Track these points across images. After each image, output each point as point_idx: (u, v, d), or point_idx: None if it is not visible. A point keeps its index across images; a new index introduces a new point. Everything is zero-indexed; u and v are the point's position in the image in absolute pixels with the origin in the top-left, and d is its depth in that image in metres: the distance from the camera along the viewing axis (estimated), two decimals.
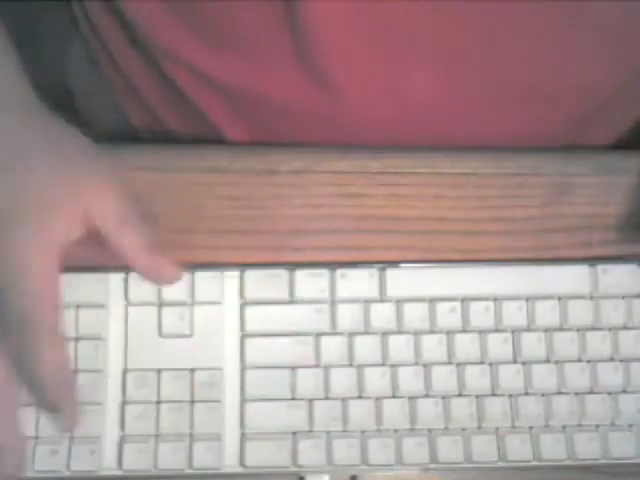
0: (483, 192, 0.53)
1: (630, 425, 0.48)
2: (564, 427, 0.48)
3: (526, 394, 0.48)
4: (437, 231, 0.52)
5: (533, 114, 0.53)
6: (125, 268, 0.49)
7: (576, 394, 0.48)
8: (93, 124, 0.67)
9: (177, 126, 0.59)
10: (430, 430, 0.48)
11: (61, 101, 0.64)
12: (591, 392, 0.49)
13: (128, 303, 0.49)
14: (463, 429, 0.48)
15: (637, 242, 0.52)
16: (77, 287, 0.48)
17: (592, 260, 0.50)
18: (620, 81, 0.52)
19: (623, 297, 0.50)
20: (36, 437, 0.46)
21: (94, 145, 0.48)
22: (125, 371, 0.48)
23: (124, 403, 0.47)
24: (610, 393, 0.49)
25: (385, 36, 0.47)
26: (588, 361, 0.49)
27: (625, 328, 0.49)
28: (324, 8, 0.45)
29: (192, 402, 0.47)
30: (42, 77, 0.65)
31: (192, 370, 0.48)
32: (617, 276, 0.50)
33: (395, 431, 0.48)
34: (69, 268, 0.48)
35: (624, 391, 0.49)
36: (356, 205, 0.52)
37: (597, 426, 0.48)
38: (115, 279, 0.49)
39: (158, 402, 0.47)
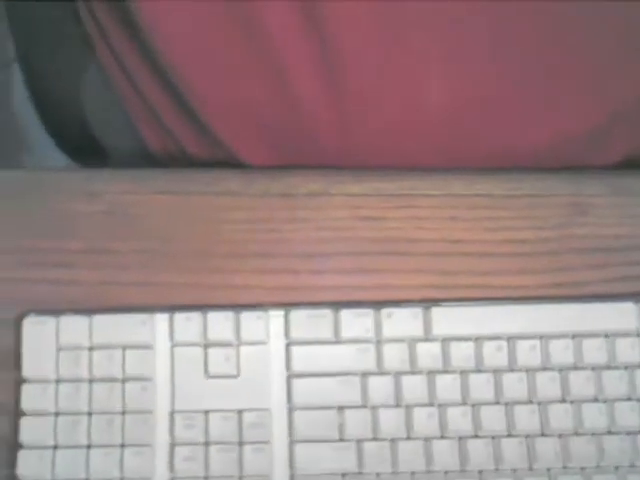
0: (498, 214, 0.53)
1: None
2: (617, 468, 0.48)
3: (576, 434, 0.48)
4: (452, 253, 0.52)
5: (552, 127, 0.53)
6: (169, 308, 0.49)
7: (628, 434, 0.48)
8: (109, 149, 0.67)
9: (194, 149, 0.59)
10: (480, 471, 0.47)
11: (77, 127, 0.64)
12: None
13: (174, 344, 0.48)
14: (514, 470, 0.47)
15: None
16: (122, 328, 0.48)
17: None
18: None
19: None
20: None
21: None
22: (172, 412, 0.47)
23: (173, 444, 0.47)
24: None
25: (401, 43, 0.47)
26: (638, 400, 0.48)
27: None
28: (342, 11, 0.45)
29: (240, 443, 0.47)
30: (58, 103, 0.65)
31: (239, 411, 0.48)
32: None
33: (445, 472, 0.47)
34: (114, 309, 0.49)
35: None
36: (372, 227, 0.53)
37: None
38: (160, 319, 0.49)
39: (206, 443, 0.47)
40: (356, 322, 0.49)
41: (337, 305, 0.50)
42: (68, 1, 0.61)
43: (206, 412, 0.47)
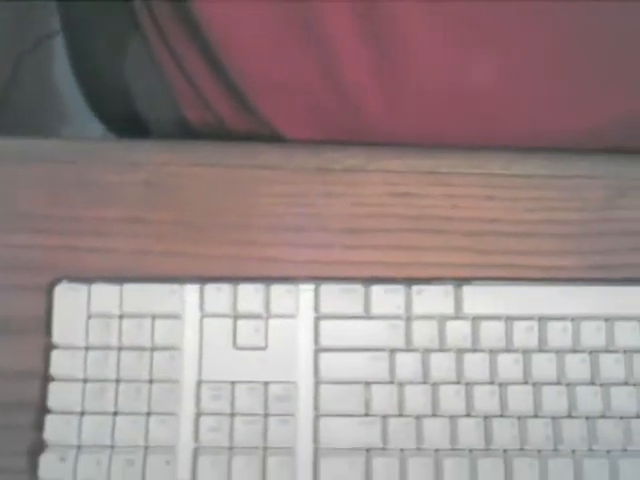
0: (538, 194, 0.52)
1: None
2: None
3: (603, 417, 0.47)
4: (490, 232, 0.52)
5: (596, 109, 0.52)
6: (201, 279, 0.49)
7: None
8: (149, 120, 0.68)
9: (233, 122, 0.59)
10: (505, 451, 0.47)
11: (119, 98, 0.65)
12: None
13: (203, 314, 0.49)
14: (539, 451, 0.47)
15: None
16: (153, 297, 0.49)
17: None
18: None
19: None
20: (112, 446, 0.47)
21: None
22: (199, 382, 0.48)
23: (198, 414, 0.47)
24: None
25: (449, 19, 0.46)
26: None
27: None
28: None
29: (266, 415, 0.47)
30: (100, 74, 0.66)
31: (266, 383, 0.48)
32: None
33: (470, 451, 0.47)
34: (145, 278, 0.49)
35: None
36: (408, 205, 0.52)
37: None
38: (190, 290, 0.49)
39: (232, 414, 0.47)
40: (387, 298, 0.49)
41: (368, 281, 0.49)
42: None
43: (233, 383, 0.48)
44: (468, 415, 0.47)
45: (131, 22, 0.63)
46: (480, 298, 0.49)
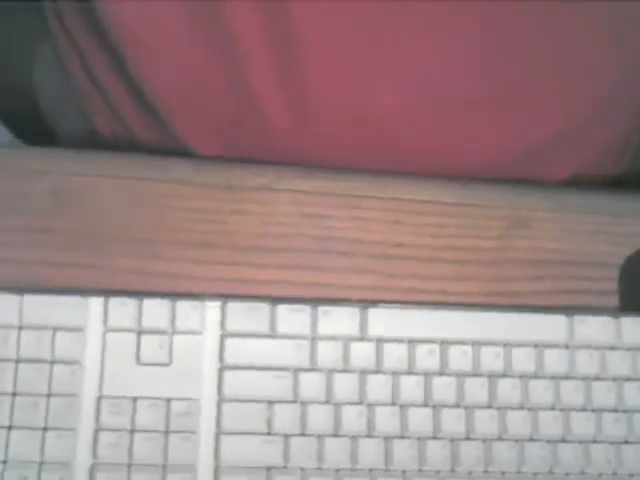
0: (443, 221, 0.54)
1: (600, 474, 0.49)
2: (535, 474, 0.48)
3: (500, 439, 0.49)
4: (395, 256, 0.53)
5: (502, 140, 0.54)
6: (106, 292, 0.48)
7: (548, 442, 0.49)
8: (57, 128, 0.67)
9: (143, 135, 0.59)
10: (404, 471, 0.48)
11: (25, 103, 0.64)
12: (563, 440, 0.49)
13: (107, 328, 0.48)
14: (437, 472, 0.48)
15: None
16: (55, 310, 0.48)
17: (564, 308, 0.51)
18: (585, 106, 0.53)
19: (597, 348, 0.50)
20: (4, 462, 0.45)
21: None
22: (100, 397, 0.47)
23: (97, 430, 0.46)
24: (581, 442, 0.49)
25: (354, 45, 0.47)
26: (562, 409, 0.49)
27: (597, 379, 0.50)
28: (303, 12, 0.45)
29: (167, 432, 0.47)
30: (7, 77, 0.65)
31: (168, 400, 0.47)
32: (592, 327, 0.51)
33: (370, 471, 0.48)
34: (48, 290, 0.48)
35: (594, 441, 0.49)
36: (315, 225, 0.53)
37: (567, 474, 0.49)
38: (95, 303, 0.48)
39: (132, 430, 0.47)
40: (292, 318, 0.49)
41: (275, 300, 0.50)
42: None
43: (134, 399, 0.47)
44: (369, 435, 0.48)
45: (41, 27, 0.62)
46: (385, 321, 0.50)
